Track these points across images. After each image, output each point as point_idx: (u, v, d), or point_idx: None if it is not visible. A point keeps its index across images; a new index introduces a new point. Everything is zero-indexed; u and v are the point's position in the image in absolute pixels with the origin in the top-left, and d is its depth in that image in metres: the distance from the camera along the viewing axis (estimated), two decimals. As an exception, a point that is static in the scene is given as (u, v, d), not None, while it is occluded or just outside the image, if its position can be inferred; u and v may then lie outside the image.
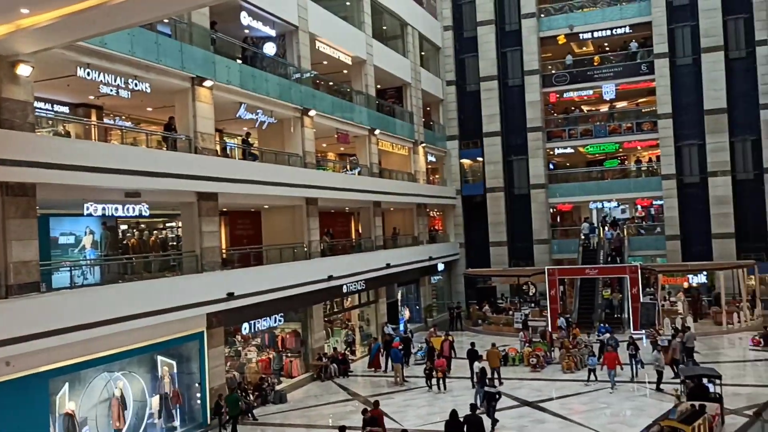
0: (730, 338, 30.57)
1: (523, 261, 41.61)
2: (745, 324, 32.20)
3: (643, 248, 39.99)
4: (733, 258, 36.52)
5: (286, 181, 24.68)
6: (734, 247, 37.29)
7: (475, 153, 43.56)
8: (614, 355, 23.37)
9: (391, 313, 34.71)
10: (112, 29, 14.05)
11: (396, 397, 23.04)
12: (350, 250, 31.96)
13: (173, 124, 20.56)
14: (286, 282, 24.09)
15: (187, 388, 20.58)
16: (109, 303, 16.56)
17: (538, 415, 20.32)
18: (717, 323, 32.56)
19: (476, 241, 43.49)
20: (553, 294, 34.05)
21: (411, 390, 24.37)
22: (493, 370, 24.03)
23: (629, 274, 33.26)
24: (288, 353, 26.60)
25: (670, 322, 30.50)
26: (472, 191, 43.56)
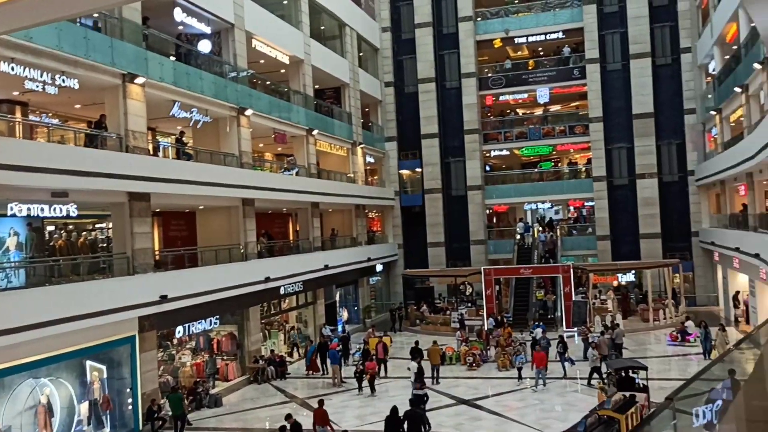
0: (657, 334, 31.74)
1: (460, 261, 42.20)
2: (670, 320, 33.48)
3: (576, 248, 41.12)
4: (659, 257, 37.98)
5: (222, 182, 24.31)
6: (660, 247, 38.79)
7: (413, 164, 43.84)
8: (542, 355, 23.48)
9: (329, 314, 34.63)
10: (38, 23, 13.54)
11: (334, 398, 22.98)
12: (288, 251, 31.71)
13: (104, 122, 19.98)
14: (221, 284, 23.73)
15: (118, 393, 20.02)
16: (35, 307, 15.97)
17: (474, 412, 20.64)
18: (644, 320, 33.75)
19: (415, 242, 43.84)
20: (489, 293, 34.64)
21: (349, 391, 24.36)
22: (434, 367, 25.03)
23: (562, 273, 34.14)
24: (224, 356, 26.20)
25: (601, 319, 31.42)
26: (410, 202, 43.81)
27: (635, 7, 39.52)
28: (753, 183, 29.12)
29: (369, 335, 30.67)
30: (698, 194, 38.89)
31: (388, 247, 42.88)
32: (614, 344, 26.00)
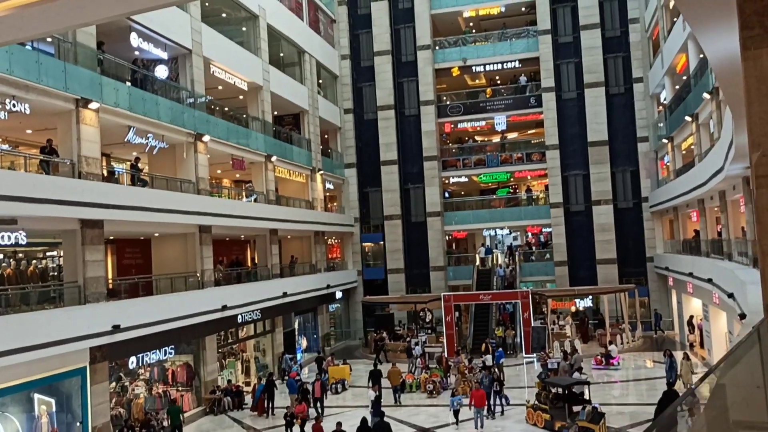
0: (614, 359, 32.13)
1: (420, 288, 42.29)
2: (627, 345, 34.00)
3: (534, 274, 41.61)
4: (615, 282, 38.68)
5: (178, 208, 24.01)
6: (617, 272, 39.51)
7: (376, 237, 44.04)
8: (482, 393, 21.93)
9: (288, 342, 34.24)
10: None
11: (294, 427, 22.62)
12: (246, 279, 31.36)
13: (50, 147, 19.55)
14: (177, 313, 23.31)
15: (68, 427, 19.39)
16: (-21, 338, 15.43)
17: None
18: (602, 345, 34.18)
19: (374, 267, 43.81)
20: (449, 320, 34.74)
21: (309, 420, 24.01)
22: (395, 388, 26.10)
23: (521, 299, 34.47)
24: (179, 387, 25.64)
25: (560, 345, 31.75)
26: (373, 275, 43.80)
27: (589, 38, 40.68)
28: (704, 209, 29.98)
29: (328, 363, 30.45)
30: (652, 220, 39.84)
31: (347, 273, 42.76)
32: (572, 369, 26.30)
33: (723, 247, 26.17)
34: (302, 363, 33.56)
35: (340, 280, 40.95)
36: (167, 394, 24.62)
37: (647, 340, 35.92)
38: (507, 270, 39.57)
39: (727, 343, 26.25)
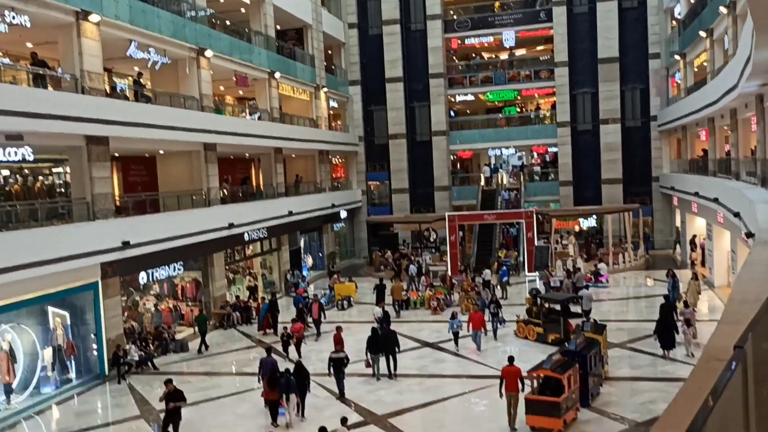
0: (616, 277, 32.70)
1: (424, 207, 42.55)
2: (629, 264, 34.50)
3: (539, 194, 41.78)
4: (620, 202, 38.84)
5: (183, 125, 23.94)
6: (621, 192, 39.63)
7: (381, 176, 43.62)
8: (480, 316, 21.61)
9: (293, 260, 34.82)
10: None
11: (300, 342, 23.30)
12: (251, 197, 31.59)
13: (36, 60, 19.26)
14: (184, 230, 23.63)
15: (82, 339, 20.05)
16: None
17: (438, 355, 21.20)
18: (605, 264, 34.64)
19: (379, 187, 43.97)
20: (453, 240, 35.11)
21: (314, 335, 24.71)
22: (395, 301, 27.12)
23: (525, 219, 34.72)
24: (189, 302, 26.29)
25: (562, 264, 32.22)
26: (377, 212, 43.63)
27: (602, -52, 39.32)
28: (714, 128, 29.80)
29: (334, 281, 31.02)
30: (660, 140, 39.64)
31: (351, 193, 42.96)
32: (575, 287, 26.82)
33: (731, 167, 26.17)
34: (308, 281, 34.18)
35: (345, 200, 41.18)
36: (177, 309, 25.26)
37: (649, 259, 36.43)
38: (512, 194, 39.53)
39: (729, 261, 26.68)
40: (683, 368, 17.77)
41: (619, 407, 15.60)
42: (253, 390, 18.19)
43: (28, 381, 18.17)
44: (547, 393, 14.50)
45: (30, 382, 18.20)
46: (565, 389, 14.41)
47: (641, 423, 14.51)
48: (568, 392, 14.57)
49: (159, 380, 19.99)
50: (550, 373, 14.80)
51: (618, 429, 14.32)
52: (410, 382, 18.62)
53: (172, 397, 14.93)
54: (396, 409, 16.36)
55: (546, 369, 14.99)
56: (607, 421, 14.78)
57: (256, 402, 17.48)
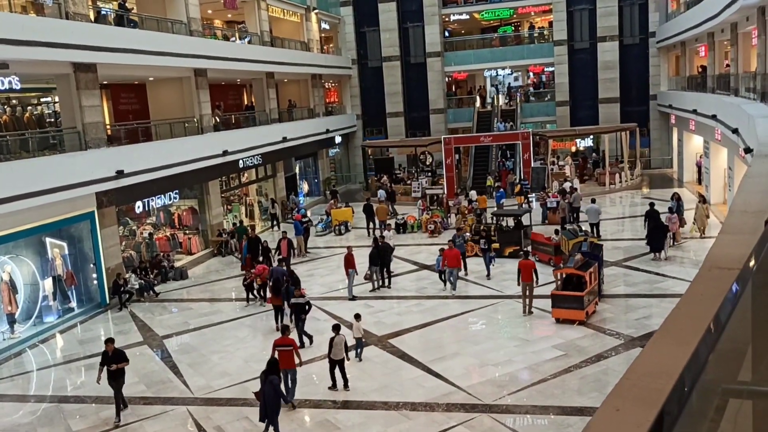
0: (612, 197, 32.81)
1: (419, 131, 42.21)
2: (625, 184, 34.53)
3: (535, 114, 41.42)
4: (617, 122, 38.55)
5: (171, 51, 23.38)
6: (618, 112, 39.27)
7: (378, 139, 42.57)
8: (456, 253, 19.68)
9: (289, 186, 34.78)
10: None
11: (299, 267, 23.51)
12: (245, 123, 31.25)
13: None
14: (178, 158, 23.45)
15: (82, 269, 20.20)
16: (-15, 184, 15.63)
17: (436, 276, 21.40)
18: (601, 184, 34.72)
19: (373, 112, 43.50)
20: (449, 162, 34.97)
21: (314, 260, 24.97)
22: (381, 223, 27.25)
23: (521, 140, 34.50)
24: (186, 230, 26.39)
25: (559, 184, 32.20)
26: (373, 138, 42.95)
27: None
28: (714, 44, 29.24)
29: (331, 206, 31.05)
30: (658, 56, 38.98)
31: (346, 118, 42.52)
32: (571, 208, 26.92)
33: (730, 83, 25.82)
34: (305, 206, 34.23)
35: (339, 125, 40.81)
36: (175, 237, 25.37)
37: (645, 178, 36.46)
38: (507, 125, 38.82)
39: (725, 178, 26.69)
40: (680, 285, 18.01)
41: (614, 323, 15.91)
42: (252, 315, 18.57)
43: (30, 311, 18.39)
44: (570, 289, 16.18)
45: (32, 312, 18.43)
46: (587, 285, 16.04)
47: (637, 338, 14.82)
48: (590, 287, 16.20)
49: (160, 308, 20.37)
50: (574, 271, 16.30)
51: (614, 344, 14.64)
52: (409, 303, 18.91)
53: (113, 358, 13.05)
54: (396, 330, 16.66)
55: (570, 267, 16.54)
56: (604, 337, 15.09)
57: (257, 327, 17.82)
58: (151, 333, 17.96)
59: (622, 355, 14.00)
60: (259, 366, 14.89)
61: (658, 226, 21.40)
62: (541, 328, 16.28)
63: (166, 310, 20.14)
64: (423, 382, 13.51)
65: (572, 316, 15.98)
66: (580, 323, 15.86)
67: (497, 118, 39.43)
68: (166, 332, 17.92)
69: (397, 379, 13.82)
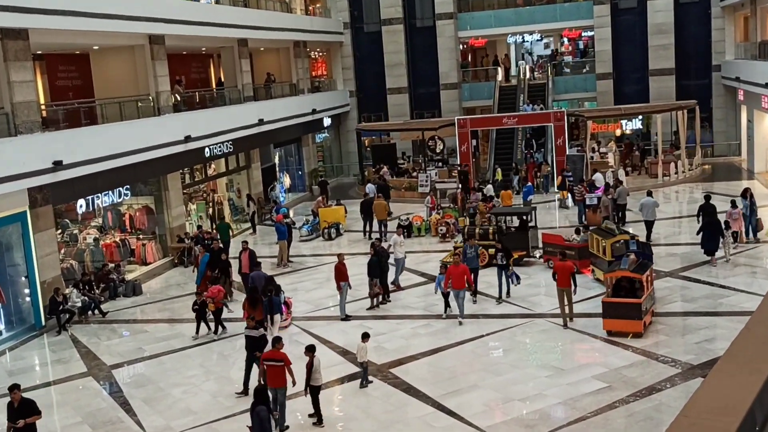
0: (666, 192, 32.83)
1: (427, 111, 42.23)
2: (683, 175, 34.56)
3: (570, 90, 41.49)
4: (672, 98, 38.55)
5: (121, 12, 23.41)
6: (674, 86, 39.29)
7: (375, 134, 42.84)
8: (462, 269, 18.41)
9: (267, 179, 34.83)
10: None
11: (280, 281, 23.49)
12: (212, 103, 31.30)
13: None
14: (130, 146, 23.48)
15: (12, 283, 20.22)
16: None
17: (449, 290, 21.42)
18: (652, 175, 34.74)
19: (371, 88, 43.54)
20: (465, 150, 34.97)
21: (297, 272, 24.97)
22: (380, 223, 27.91)
23: (554, 121, 34.50)
24: (139, 234, 26.42)
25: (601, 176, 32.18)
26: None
27: None
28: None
29: (318, 204, 31.05)
30: (722, 18, 38.96)
31: (337, 95, 42.56)
32: (616, 205, 26.92)
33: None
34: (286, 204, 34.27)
35: (328, 104, 40.86)
36: (126, 243, 25.40)
37: (707, 170, 36.46)
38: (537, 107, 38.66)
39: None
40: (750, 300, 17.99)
41: (669, 348, 15.89)
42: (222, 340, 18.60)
43: (-52, 335, 18.42)
44: (622, 295, 16.59)
45: (-49, 337, 18.46)
46: (644, 290, 16.43)
47: (697, 366, 14.82)
48: (647, 293, 16.60)
49: (108, 330, 20.40)
50: (629, 273, 16.66)
51: (669, 373, 14.63)
52: (415, 324, 18.90)
53: (20, 410, 12.21)
54: (399, 357, 16.66)
55: (624, 270, 16.84)
56: (656, 365, 15.07)
57: (229, 352, 17.82)
58: (98, 362, 17.94)
59: (679, 387, 14.00)
60: (230, 402, 14.94)
61: (712, 222, 21.64)
62: (580, 354, 16.29)
63: (116, 334, 20.13)
64: (433, 421, 13.52)
65: (627, 327, 16.36)
66: (634, 335, 16.20)
67: (523, 96, 39.42)
68: (115, 361, 17.92)
69: (402, 418, 13.83)
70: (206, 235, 27.79)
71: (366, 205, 28.66)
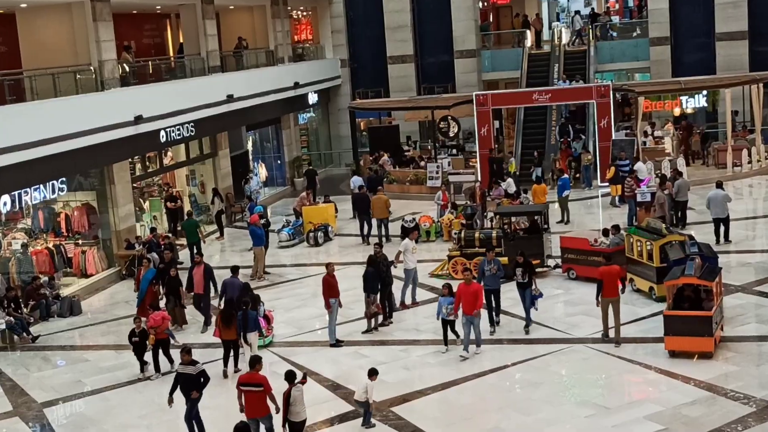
0: (737, 186, 32.75)
1: (438, 85, 42.17)
2: (758, 165, 34.51)
3: (617, 59, 41.43)
4: (744, 69, 38.48)
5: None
6: (747, 54, 39.24)
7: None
8: (477, 288, 18.36)
9: (239, 170, 34.76)
10: None
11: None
12: (169, 75, 31.27)
13: None
14: (66, 128, 23.45)
15: None
16: None
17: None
18: (719, 165, 34.69)
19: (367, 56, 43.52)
20: (486, 133, 34.87)
21: (275, 286, 24.93)
22: (380, 222, 28.43)
23: (597, 97, 34.37)
24: (78, 239, 26.37)
25: (654, 166, 32.13)
26: None
27: None
28: None
29: (302, 202, 30.97)
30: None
31: (325, 65, 42.55)
32: (675, 202, 26.87)
33: None
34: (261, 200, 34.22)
35: (315, 76, 40.86)
36: (61, 250, 25.36)
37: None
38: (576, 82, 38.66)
39: None
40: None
41: (741, 381, 15.83)
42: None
43: None
44: (685, 308, 16.88)
45: None
46: (714, 300, 16.85)
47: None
48: (717, 304, 17.02)
49: (39, 359, 20.37)
50: (696, 280, 16.90)
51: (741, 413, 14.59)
52: (422, 351, 18.88)
53: None
54: (404, 392, 16.61)
55: (691, 276, 16.97)
56: (724, 402, 15.03)
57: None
58: (26, 398, 17.91)
59: (754, 430, 13.98)
60: (192, 448, 14.90)
61: None
62: (629, 388, 16.28)
63: (49, 363, 20.09)
64: (445, 473, 13.51)
65: (696, 346, 16.63)
66: (702, 356, 16.48)
67: (558, 66, 39.35)
68: (48, 397, 17.88)
69: (406, 468, 13.82)
70: (162, 239, 27.82)
71: (361, 201, 28.63)
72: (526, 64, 40.14)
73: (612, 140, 33.96)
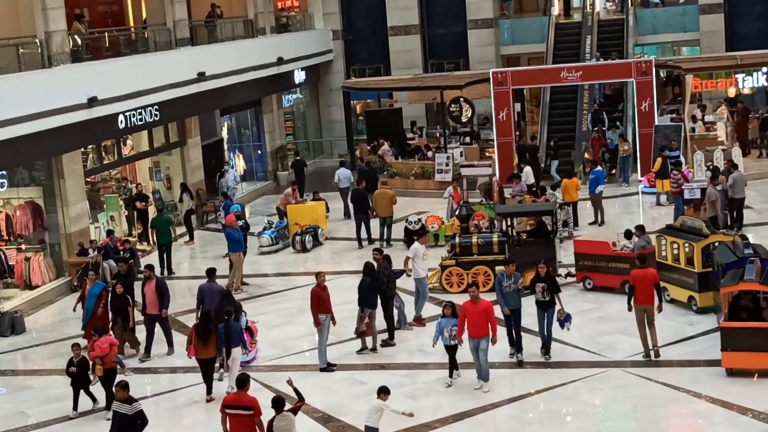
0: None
1: (449, 61, 42.20)
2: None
3: (660, 30, 41.44)
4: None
5: None
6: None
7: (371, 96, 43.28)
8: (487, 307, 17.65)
9: (212, 162, 34.77)
10: None
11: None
12: (128, 49, 31.28)
13: None
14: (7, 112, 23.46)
15: None
16: None
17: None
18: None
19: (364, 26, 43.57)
20: (505, 118, 34.86)
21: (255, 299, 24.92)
22: (383, 221, 28.85)
23: (636, 75, 34.38)
24: (21, 244, 26.40)
25: (704, 157, 32.14)
26: None
27: None
28: None
29: (287, 199, 30.99)
30: None
31: (314, 37, 42.59)
32: (730, 200, 26.83)
33: None
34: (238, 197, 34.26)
35: (302, 50, 40.92)
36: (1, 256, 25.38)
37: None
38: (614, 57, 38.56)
39: None
40: None
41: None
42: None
43: None
44: (743, 319, 17.04)
45: None
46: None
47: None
48: None
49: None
50: (759, 286, 17.03)
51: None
52: (431, 377, 18.88)
53: None
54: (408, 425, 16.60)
55: (752, 281, 17.06)
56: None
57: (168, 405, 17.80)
58: (-42, 433, 17.96)
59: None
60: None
61: None
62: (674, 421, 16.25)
63: (-13, 391, 20.13)
64: None
65: (758, 363, 16.81)
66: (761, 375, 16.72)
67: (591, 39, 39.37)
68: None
69: None
70: (120, 244, 27.81)
71: (358, 197, 28.60)
72: (553, 36, 40.13)
73: (655, 126, 33.95)
